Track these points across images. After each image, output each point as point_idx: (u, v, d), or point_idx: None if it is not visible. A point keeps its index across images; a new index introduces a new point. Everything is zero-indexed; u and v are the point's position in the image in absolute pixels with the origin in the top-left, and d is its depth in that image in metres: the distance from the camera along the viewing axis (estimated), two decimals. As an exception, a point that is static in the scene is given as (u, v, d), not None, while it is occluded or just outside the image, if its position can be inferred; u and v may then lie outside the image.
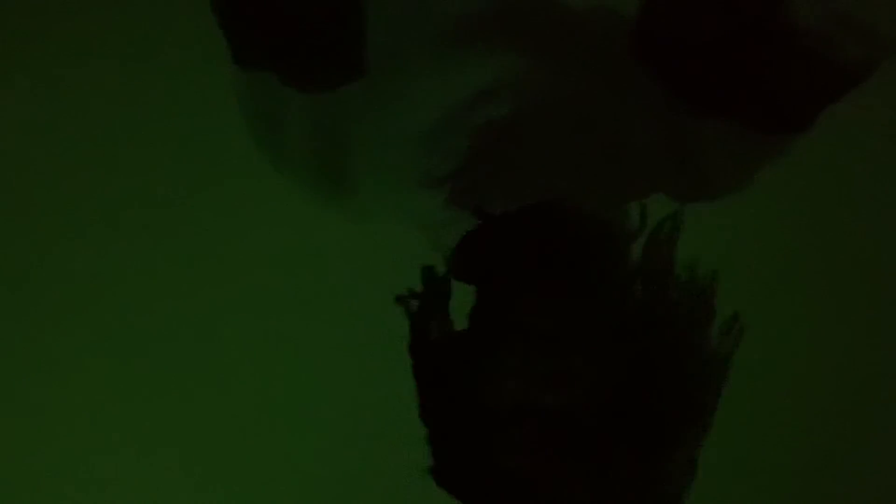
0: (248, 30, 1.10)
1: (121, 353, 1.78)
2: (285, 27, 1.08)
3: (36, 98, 1.72)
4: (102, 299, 1.77)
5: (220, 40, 1.15)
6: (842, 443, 1.78)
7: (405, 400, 1.77)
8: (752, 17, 1.02)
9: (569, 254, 1.04)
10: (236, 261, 1.76)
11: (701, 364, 1.01)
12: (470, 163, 1.13)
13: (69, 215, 1.75)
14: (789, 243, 1.73)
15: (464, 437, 1.01)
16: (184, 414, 1.79)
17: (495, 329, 1.03)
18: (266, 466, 1.81)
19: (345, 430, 1.81)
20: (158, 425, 1.79)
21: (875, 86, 1.05)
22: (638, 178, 1.13)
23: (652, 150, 1.11)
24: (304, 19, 1.08)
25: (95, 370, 1.78)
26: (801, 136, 1.08)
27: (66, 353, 1.78)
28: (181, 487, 1.80)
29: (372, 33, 1.07)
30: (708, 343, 1.01)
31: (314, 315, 1.78)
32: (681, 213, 1.06)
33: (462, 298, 1.13)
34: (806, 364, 1.77)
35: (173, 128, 1.73)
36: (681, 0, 1.02)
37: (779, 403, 1.76)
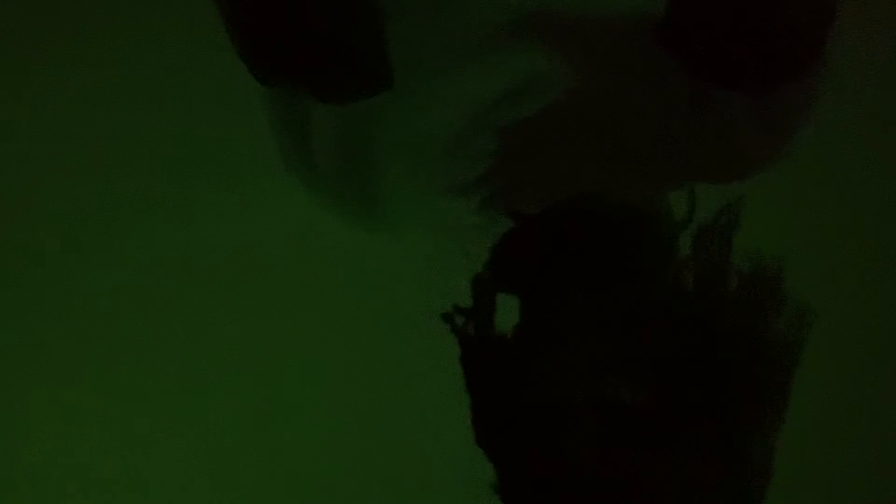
0: (266, 51, 1.09)
1: (121, 353, 1.79)
2: (304, 45, 1.07)
3: (38, 98, 1.73)
4: (104, 299, 1.78)
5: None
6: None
7: (418, 403, 1.79)
8: None
9: (609, 246, 1.04)
10: (242, 261, 1.78)
11: (770, 352, 0.99)
12: (499, 165, 1.12)
13: (72, 214, 1.76)
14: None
15: (529, 439, 1.01)
16: (189, 414, 1.80)
17: (550, 327, 1.02)
18: (270, 467, 1.82)
19: (354, 432, 1.82)
20: (160, 426, 1.81)
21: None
22: (671, 167, 1.12)
23: (683, 136, 1.10)
24: (323, 34, 1.07)
25: (97, 370, 1.80)
26: (818, 75, 1.06)
27: (70, 353, 1.80)
28: (184, 488, 1.81)
29: (394, 41, 1.06)
30: (777, 331, 0.99)
31: (319, 315, 1.79)
32: (739, 204, 1.04)
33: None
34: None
35: (177, 128, 1.74)
36: None
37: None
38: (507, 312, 1.08)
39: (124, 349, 1.77)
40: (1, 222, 1.74)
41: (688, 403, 0.96)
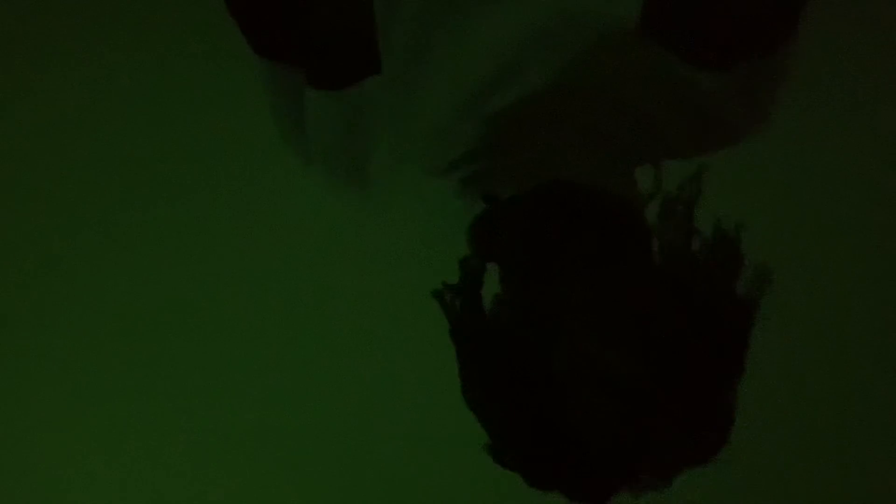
0: (262, 25, 1.14)
1: (121, 352, 1.78)
2: (297, 26, 1.12)
3: (39, 95, 1.73)
4: (104, 298, 1.78)
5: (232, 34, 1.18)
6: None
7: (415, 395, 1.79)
8: None
9: (586, 227, 1.07)
10: (242, 260, 1.77)
11: (733, 312, 1.04)
12: (479, 150, 1.15)
13: (72, 213, 1.76)
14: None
15: (518, 408, 1.04)
16: (189, 414, 1.80)
17: (534, 302, 1.05)
18: (270, 466, 1.82)
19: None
20: (160, 425, 1.80)
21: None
22: (651, 145, 1.16)
23: (664, 115, 1.14)
24: (314, 20, 1.11)
25: (97, 369, 1.79)
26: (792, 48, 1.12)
27: (70, 352, 1.79)
28: (185, 487, 1.81)
29: (384, 29, 1.09)
30: (738, 291, 1.04)
31: (319, 314, 1.78)
32: (700, 175, 1.09)
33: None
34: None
35: (178, 127, 1.74)
36: None
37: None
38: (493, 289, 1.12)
39: (124, 348, 1.77)
40: (1, 221, 1.74)
41: (668, 368, 1.01)
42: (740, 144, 1.17)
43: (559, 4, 1.07)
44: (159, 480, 1.80)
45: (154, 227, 1.74)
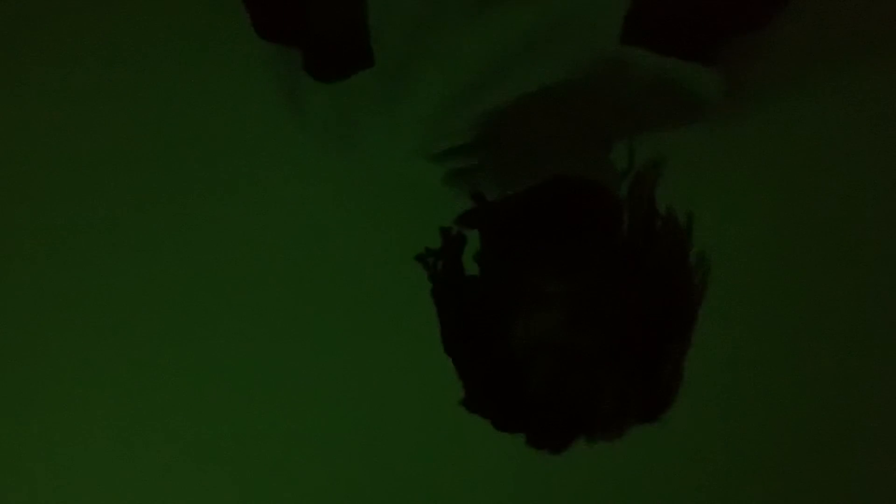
0: (266, 11, 1.16)
1: (120, 351, 1.75)
2: (296, 17, 1.15)
3: (37, 95, 1.69)
4: (104, 297, 1.74)
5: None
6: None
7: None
8: None
9: (572, 216, 1.12)
10: (243, 259, 1.74)
11: (683, 290, 1.12)
12: (468, 146, 1.18)
13: (72, 212, 1.72)
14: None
15: (488, 368, 1.12)
16: (188, 414, 1.77)
17: (508, 274, 1.11)
18: (269, 466, 1.79)
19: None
20: (159, 425, 1.77)
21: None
22: (626, 124, 1.21)
23: (640, 98, 1.18)
24: (309, 12, 1.14)
25: (97, 369, 1.76)
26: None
27: (70, 351, 1.75)
28: (184, 487, 1.79)
29: (377, 23, 1.12)
30: (687, 272, 1.12)
31: (318, 315, 1.75)
32: (662, 158, 1.15)
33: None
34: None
35: (177, 127, 1.71)
36: None
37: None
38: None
39: (124, 348, 1.75)
40: (1, 220, 1.72)
41: (619, 339, 1.09)
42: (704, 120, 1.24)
43: (546, 8, 1.11)
44: (159, 480, 1.78)
45: (151, 225, 1.73)
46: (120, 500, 1.78)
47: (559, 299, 1.09)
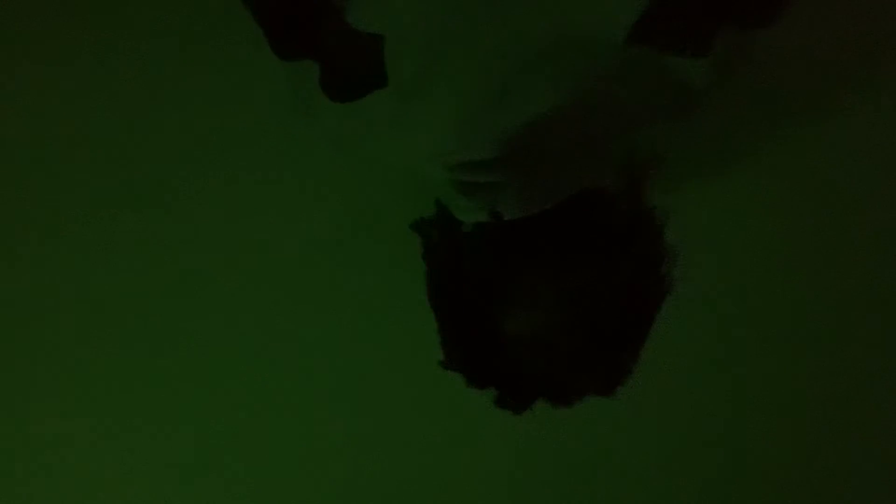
0: (284, 34, 1.20)
1: (120, 351, 1.74)
2: (312, 38, 1.18)
3: (37, 94, 1.68)
4: (104, 296, 1.73)
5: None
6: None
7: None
8: None
9: (589, 231, 1.20)
10: (243, 259, 1.73)
11: (650, 282, 1.21)
12: (488, 164, 1.20)
13: (72, 211, 1.71)
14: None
15: (465, 329, 1.22)
16: (188, 413, 1.77)
17: (503, 259, 1.19)
18: (269, 464, 1.79)
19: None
20: (158, 424, 1.77)
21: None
22: (626, 123, 1.24)
23: (642, 97, 1.21)
24: (323, 34, 1.17)
25: (97, 368, 1.75)
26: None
27: (70, 350, 1.74)
28: (183, 486, 1.79)
29: (389, 45, 1.13)
30: (657, 266, 1.21)
31: (319, 314, 1.75)
32: (661, 155, 1.22)
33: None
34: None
35: (177, 126, 1.69)
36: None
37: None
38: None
39: (124, 347, 1.74)
40: (2, 218, 1.71)
41: (586, 329, 1.18)
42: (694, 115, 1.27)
43: (554, 23, 1.12)
44: (158, 480, 1.79)
45: (150, 225, 1.72)
46: (119, 500, 1.79)
47: (545, 283, 1.17)
